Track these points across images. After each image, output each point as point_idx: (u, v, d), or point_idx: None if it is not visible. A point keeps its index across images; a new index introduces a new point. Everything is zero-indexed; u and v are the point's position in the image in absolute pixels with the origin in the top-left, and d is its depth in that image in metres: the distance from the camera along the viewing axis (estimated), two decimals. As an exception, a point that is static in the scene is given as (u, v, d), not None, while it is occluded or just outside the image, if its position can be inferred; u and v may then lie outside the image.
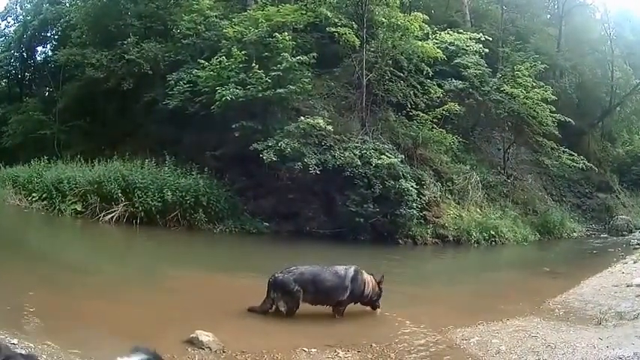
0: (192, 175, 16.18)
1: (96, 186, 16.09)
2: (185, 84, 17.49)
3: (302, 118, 15.88)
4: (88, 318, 6.40)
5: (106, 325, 6.19)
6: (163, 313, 6.95)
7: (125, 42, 20.13)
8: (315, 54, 17.22)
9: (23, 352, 4.65)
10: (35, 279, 8.11)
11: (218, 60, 16.73)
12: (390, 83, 19.42)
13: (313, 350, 5.69)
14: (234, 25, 17.64)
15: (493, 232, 17.67)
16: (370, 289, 7.22)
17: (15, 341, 4.93)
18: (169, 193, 15.41)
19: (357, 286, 7.09)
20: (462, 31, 20.68)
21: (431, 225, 16.81)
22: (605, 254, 16.39)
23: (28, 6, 31.90)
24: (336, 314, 7.10)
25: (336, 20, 17.80)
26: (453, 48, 19.76)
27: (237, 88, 15.92)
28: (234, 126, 15.71)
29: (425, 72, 19.41)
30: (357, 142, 16.62)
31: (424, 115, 18.73)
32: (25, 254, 10.61)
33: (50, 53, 29.81)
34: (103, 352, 5.15)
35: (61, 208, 16.30)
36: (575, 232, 21.87)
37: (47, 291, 7.43)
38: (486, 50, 20.20)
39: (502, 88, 20.47)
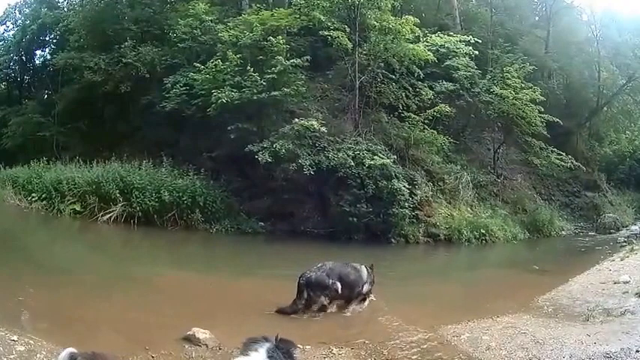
0: (189, 176, 16.39)
1: (94, 187, 16.26)
2: (181, 87, 17.68)
3: (296, 120, 16.08)
4: (86, 316, 6.50)
5: (105, 322, 6.33)
6: (161, 311, 7.11)
7: (122, 46, 20.25)
8: (308, 57, 17.43)
9: (23, 348, 4.91)
10: (35, 277, 8.25)
11: (214, 63, 16.92)
12: (382, 85, 19.65)
13: (307, 347, 5.75)
14: (230, 29, 17.89)
15: (483, 231, 17.83)
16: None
17: (15, 338, 5.09)
18: (166, 194, 15.62)
19: (370, 281, 7.62)
20: (452, 33, 20.59)
21: (423, 224, 16.98)
22: (593, 252, 16.47)
23: (27, 11, 31.75)
24: (346, 311, 7.42)
25: (329, 24, 17.87)
26: (443, 50, 19.67)
27: (232, 91, 16.13)
28: (229, 128, 15.95)
29: (416, 74, 19.63)
30: (351, 144, 16.79)
31: (415, 116, 18.94)
32: (25, 253, 10.72)
33: (49, 57, 29.57)
34: (103, 349, 5.40)
35: (60, 209, 16.46)
36: (563, 230, 21.96)
37: (46, 289, 7.59)
38: (476, 52, 20.14)
39: (492, 90, 20.54)
